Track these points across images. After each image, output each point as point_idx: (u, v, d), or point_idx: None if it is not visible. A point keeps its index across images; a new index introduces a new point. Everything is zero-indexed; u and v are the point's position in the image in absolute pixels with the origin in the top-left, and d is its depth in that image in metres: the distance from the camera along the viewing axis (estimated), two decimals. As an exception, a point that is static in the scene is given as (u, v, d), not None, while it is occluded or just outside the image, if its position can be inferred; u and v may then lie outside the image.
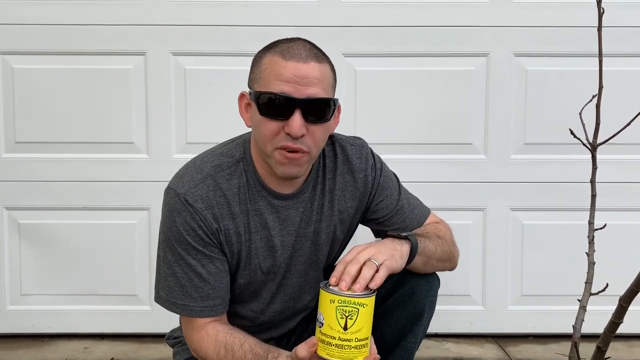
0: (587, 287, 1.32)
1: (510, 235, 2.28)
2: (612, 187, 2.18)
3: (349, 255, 1.14)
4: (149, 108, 2.20)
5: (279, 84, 1.17)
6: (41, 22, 2.15)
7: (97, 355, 2.14)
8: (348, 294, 1.06)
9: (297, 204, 1.31)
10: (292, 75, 1.16)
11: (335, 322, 1.05)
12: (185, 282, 1.25)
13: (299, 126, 1.16)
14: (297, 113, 1.16)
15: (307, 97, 1.17)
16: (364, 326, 1.06)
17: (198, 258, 1.25)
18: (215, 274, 1.26)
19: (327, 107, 1.20)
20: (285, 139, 1.18)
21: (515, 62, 2.21)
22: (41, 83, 2.18)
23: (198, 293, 1.25)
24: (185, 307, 1.26)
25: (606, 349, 1.21)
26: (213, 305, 1.26)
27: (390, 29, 2.18)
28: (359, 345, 1.06)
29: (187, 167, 1.29)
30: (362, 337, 1.06)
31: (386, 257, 1.14)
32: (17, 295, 2.25)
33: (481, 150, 2.24)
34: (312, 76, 1.17)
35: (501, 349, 2.22)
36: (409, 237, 1.23)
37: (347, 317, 1.04)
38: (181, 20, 2.17)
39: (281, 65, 1.17)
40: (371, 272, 1.10)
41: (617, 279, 1.32)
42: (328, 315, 1.05)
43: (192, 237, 1.24)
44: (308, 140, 1.19)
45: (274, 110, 1.17)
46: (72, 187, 2.21)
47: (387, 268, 1.12)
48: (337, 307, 1.05)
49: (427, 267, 1.31)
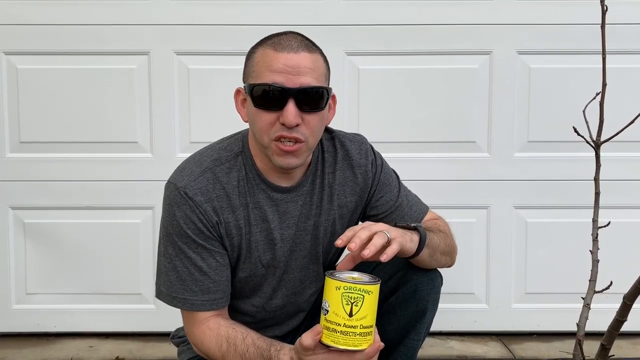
0: (591, 285, 1.32)
1: (514, 233, 2.27)
2: (616, 184, 2.17)
3: (360, 225, 1.14)
4: (153, 107, 2.20)
5: (271, 74, 1.18)
6: (45, 22, 2.16)
7: (102, 353, 2.15)
8: (354, 280, 1.07)
9: (296, 197, 1.32)
10: (284, 65, 1.18)
11: (340, 309, 1.05)
12: (186, 276, 1.26)
13: (293, 115, 1.17)
14: (291, 102, 1.17)
15: (299, 86, 1.18)
16: (369, 313, 1.06)
17: (198, 251, 1.26)
18: (215, 268, 1.27)
19: (321, 95, 1.21)
20: (280, 129, 1.19)
21: (519, 60, 2.21)
22: (45, 83, 2.19)
23: (199, 287, 1.26)
24: (186, 301, 1.26)
25: (610, 347, 1.20)
26: (214, 299, 1.27)
27: (394, 27, 2.18)
28: (364, 333, 1.06)
29: (187, 162, 1.31)
30: (366, 324, 1.06)
31: (398, 235, 1.14)
32: (22, 295, 2.26)
33: (485, 148, 2.24)
34: (304, 65, 1.19)
35: (505, 347, 2.22)
36: (417, 228, 1.23)
37: (353, 303, 1.05)
38: (184, 20, 2.17)
39: (272, 56, 1.19)
40: (382, 242, 1.10)
41: (621, 277, 1.31)
42: (333, 302, 1.06)
43: (193, 230, 1.24)
44: (304, 130, 1.20)
45: (267, 102, 1.19)
46: (76, 187, 2.21)
47: (399, 244, 1.12)
48: (342, 294, 1.05)
49: (432, 261, 1.31)
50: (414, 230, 1.23)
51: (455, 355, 2.15)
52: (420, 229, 1.24)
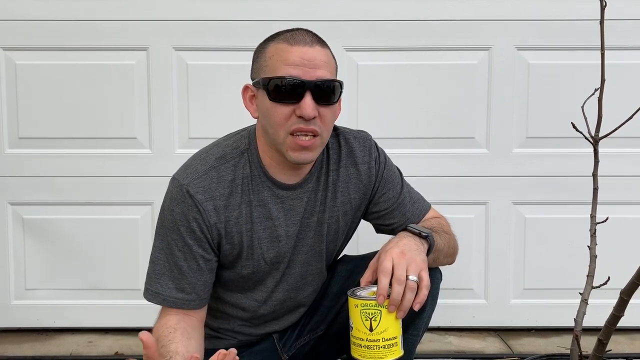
0: (589, 280, 1.33)
1: (512, 229, 2.28)
2: (614, 180, 2.17)
3: (386, 263, 1.15)
4: (152, 103, 2.20)
5: (287, 68, 1.19)
6: (44, 18, 2.15)
7: (101, 349, 2.15)
8: (368, 297, 1.12)
9: (301, 194, 1.32)
10: (300, 58, 1.19)
11: (361, 325, 1.12)
12: (165, 271, 1.27)
13: (311, 107, 1.18)
14: (308, 95, 1.18)
15: (316, 79, 1.19)
16: (390, 326, 1.12)
17: (184, 251, 1.26)
18: (195, 270, 1.27)
19: (335, 89, 1.23)
20: (297, 122, 1.19)
21: (518, 56, 2.21)
22: (44, 79, 2.18)
23: (174, 284, 1.27)
24: (158, 295, 1.28)
25: (607, 342, 1.21)
26: (186, 299, 1.27)
27: (392, 23, 2.18)
28: (387, 345, 1.12)
29: (193, 159, 1.31)
30: (389, 336, 1.11)
31: (419, 266, 1.16)
32: (21, 290, 2.26)
33: (483, 144, 2.24)
34: (319, 59, 1.20)
35: (503, 342, 2.22)
36: (428, 237, 1.25)
37: (371, 319, 1.11)
38: (183, 16, 2.17)
39: (288, 50, 1.19)
40: (413, 295, 1.13)
41: (619, 272, 1.32)
42: (355, 319, 1.13)
43: (185, 228, 1.25)
44: (319, 123, 1.21)
45: (284, 95, 1.19)
46: (75, 183, 2.21)
47: (427, 287, 1.15)
48: (360, 311, 1.12)
49: (434, 263, 1.33)
50: (425, 240, 1.25)
51: (454, 351, 2.15)
52: (430, 239, 1.25)
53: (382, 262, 1.16)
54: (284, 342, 1.46)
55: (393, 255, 1.16)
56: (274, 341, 1.46)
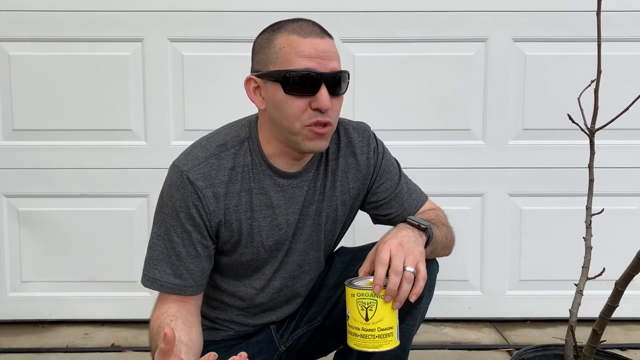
0: (584, 271, 1.33)
1: (508, 221, 2.28)
2: (610, 172, 2.18)
3: (383, 253, 1.15)
4: (147, 95, 2.19)
5: (302, 60, 1.19)
6: (37, 8, 2.13)
7: (97, 341, 2.15)
8: (364, 286, 1.13)
9: (301, 182, 1.33)
10: (314, 50, 1.19)
11: (357, 314, 1.12)
12: (162, 257, 1.27)
13: (328, 100, 1.19)
14: (324, 87, 1.19)
15: (330, 70, 1.21)
16: (386, 316, 1.12)
17: (182, 237, 1.26)
18: (194, 257, 1.27)
19: (345, 79, 1.25)
20: (314, 115, 1.21)
21: (514, 47, 2.20)
22: (38, 70, 2.17)
23: (172, 270, 1.27)
24: (155, 281, 1.27)
25: (602, 333, 1.22)
26: (183, 285, 1.27)
27: (389, 14, 2.17)
28: (383, 335, 1.12)
29: (193, 146, 1.31)
30: (384, 326, 1.12)
31: (416, 257, 1.16)
32: (17, 282, 2.26)
33: (480, 136, 2.24)
34: (331, 51, 1.22)
35: (499, 333, 2.24)
36: (427, 229, 1.25)
37: (367, 308, 1.12)
38: (178, 6, 2.15)
39: (300, 42, 1.20)
40: (410, 287, 1.14)
41: (614, 264, 1.33)
42: (351, 308, 1.14)
43: (185, 214, 1.25)
44: (332, 113, 1.23)
45: (301, 87, 1.19)
46: (70, 175, 2.21)
47: (424, 279, 1.16)
48: (357, 300, 1.12)
49: (432, 255, 1.33)
50: (424, 232, 1.25)
51: (450, 342, 2.16)
52: (430, 231, 1.26)
53: (379, 253, 1.16)
54: (281, 333, 1.47)
55: (391, 246, 1.16)
56: (272, 332, 1.46)
